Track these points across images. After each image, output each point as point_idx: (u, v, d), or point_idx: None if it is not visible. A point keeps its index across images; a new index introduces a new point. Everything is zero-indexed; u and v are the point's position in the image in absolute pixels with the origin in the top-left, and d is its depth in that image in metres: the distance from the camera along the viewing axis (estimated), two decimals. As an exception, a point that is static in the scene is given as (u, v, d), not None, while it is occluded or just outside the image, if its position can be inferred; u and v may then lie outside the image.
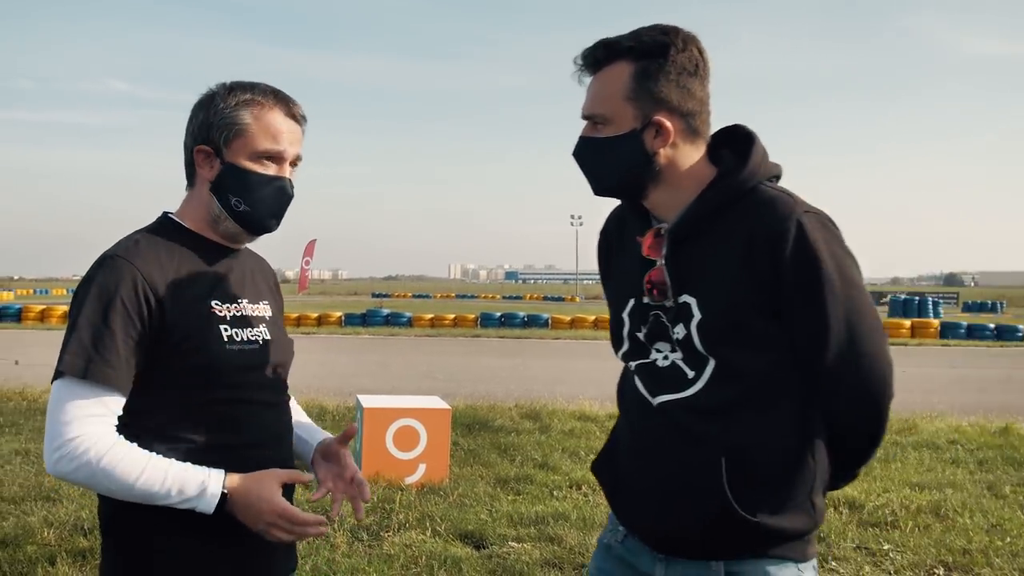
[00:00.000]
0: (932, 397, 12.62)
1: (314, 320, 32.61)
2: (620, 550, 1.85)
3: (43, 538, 4.94)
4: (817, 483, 1.69)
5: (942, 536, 5.36)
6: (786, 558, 1.69)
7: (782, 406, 1.67)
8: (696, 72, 1.69)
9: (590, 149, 1.76)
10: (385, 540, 5.13)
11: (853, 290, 1.64)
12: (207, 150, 1.83)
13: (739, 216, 1.67)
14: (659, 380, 1.74)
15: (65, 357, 1.67)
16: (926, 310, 42.11)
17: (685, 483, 1.69)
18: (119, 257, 1.74)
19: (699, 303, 1.67)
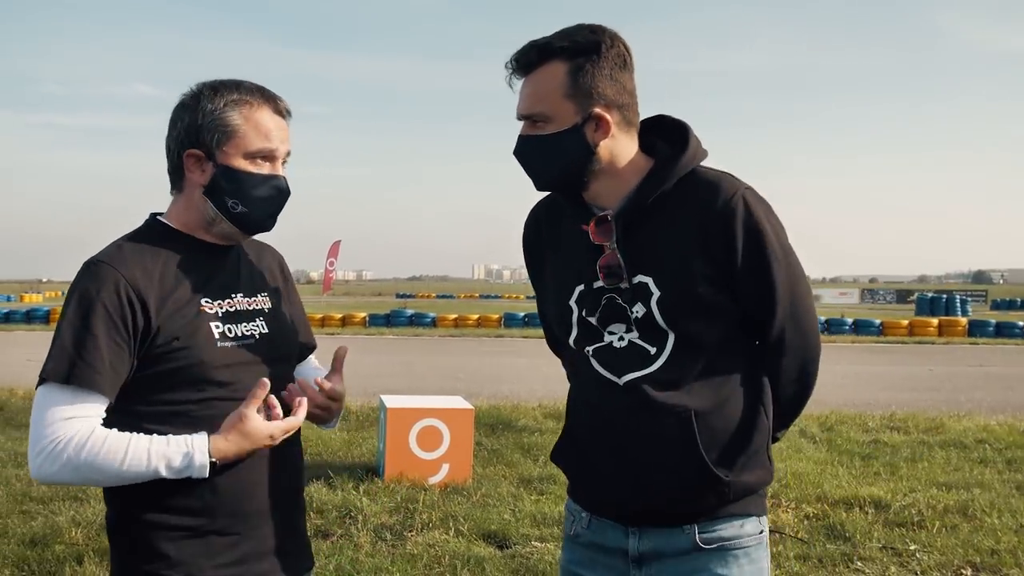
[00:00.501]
0: (960, 396, 12.50)
1: (338, 321, 32.74)
2: (587, 536, 1.91)
3: (71, 537, 5.00)
4: (768, 439, 1.85)
5: (970, 536, 5.30)
6: (749, 513, 1.83)
7: (738, 371, 1.82)
8: (625, 66, 1.78)
9: (532, 147, 1.82)
10: (408, 540, 5.15)
11: (790, 257, 1.80)
12: (198, 154, 1.81)
13: (683, 197, 1.78)
14: (620, 360, 1.82)
15: (47, 363, 1.68)
16: (954, 308, 41.62)
17: (659, 453, 1.78)
18: (102, 263, 1.74)
19: (656, 281, 1.77)
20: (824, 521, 5.66)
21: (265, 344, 1.88)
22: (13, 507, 5.74)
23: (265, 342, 1.88)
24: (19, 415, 9.40)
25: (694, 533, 1.79)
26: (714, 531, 1.80)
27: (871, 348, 23.80)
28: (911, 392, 13.25)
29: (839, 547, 5.12)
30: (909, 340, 27.55)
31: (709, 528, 1.80)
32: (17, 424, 8.93)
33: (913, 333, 29.33)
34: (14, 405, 10.08)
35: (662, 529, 1.81)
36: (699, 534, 1.79)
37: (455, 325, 32.98)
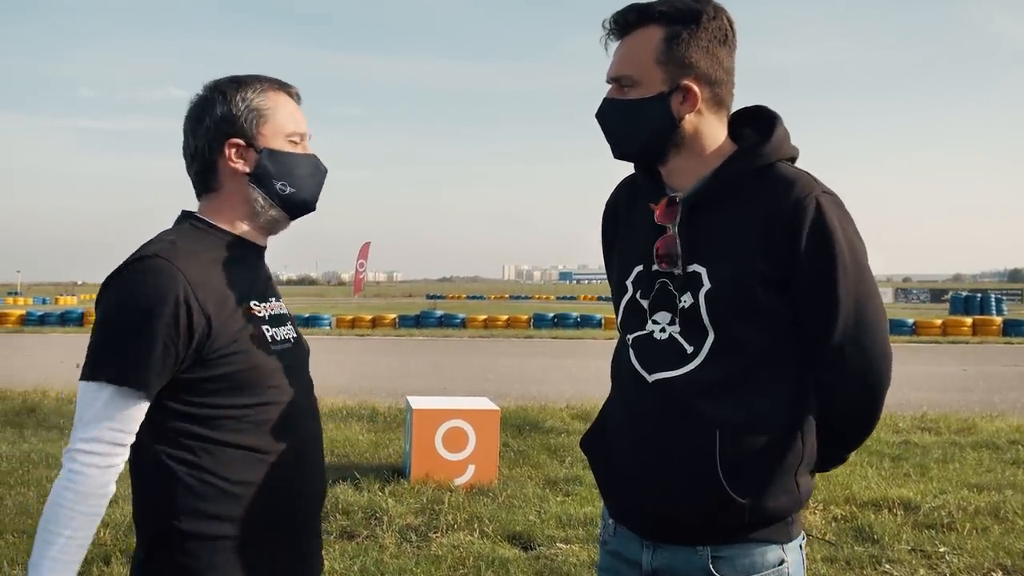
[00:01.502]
0: (993, 396, 12.32)
1: (368, 322, 32.91)
2: (612, 544, 1.84)
3: (99, 538, 5.04)
4: (804, 464, 1.70)
5: (1001, 538, 5.21)
6: (770, 540, 1.69)
7: (777, 385, 1.68)
8: (725, 41, 1.71)
9: (615, 111, 1.76)
10: (433, 541, 5.16)
11: (864, 273, 1.67)
12: (238, 143, 1.79)
13: (756, 191, 1.68)
14: (656, 355, 1.73)
15: (99, 361, 1.63)
16: (989, 307, 41.03)
17: (678, 464, 1.68)
18: (160, 258, 1.66)
19: (709, 273, 1.68)
20: (852, 523, 5.60)
21: (298, 348, 1.89)
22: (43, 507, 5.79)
23: (299, 346, 1.89)
24: (51, 416, 9.54)
25: (707, 556, 1.68)
26: (728, 556, 1.68)
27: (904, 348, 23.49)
28: (944, 392, 13.07)
29: (867, 549, 5.06)
30: (943, 340, 27.19)
31: (723, 552, 1.68)
32: (49, 426, 9.05)
33: (947, 333, 28.93)
34: (47, 407, 10.21)
35: (676, 547, 1.71)
36: (712, 557, 1.68)
37: (484, 326, 32.99)
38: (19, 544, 4.98)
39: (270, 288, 1.90)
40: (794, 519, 1.73)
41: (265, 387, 1.75)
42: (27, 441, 8.18)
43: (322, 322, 32.65)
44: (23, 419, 9.44)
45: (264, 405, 1.75)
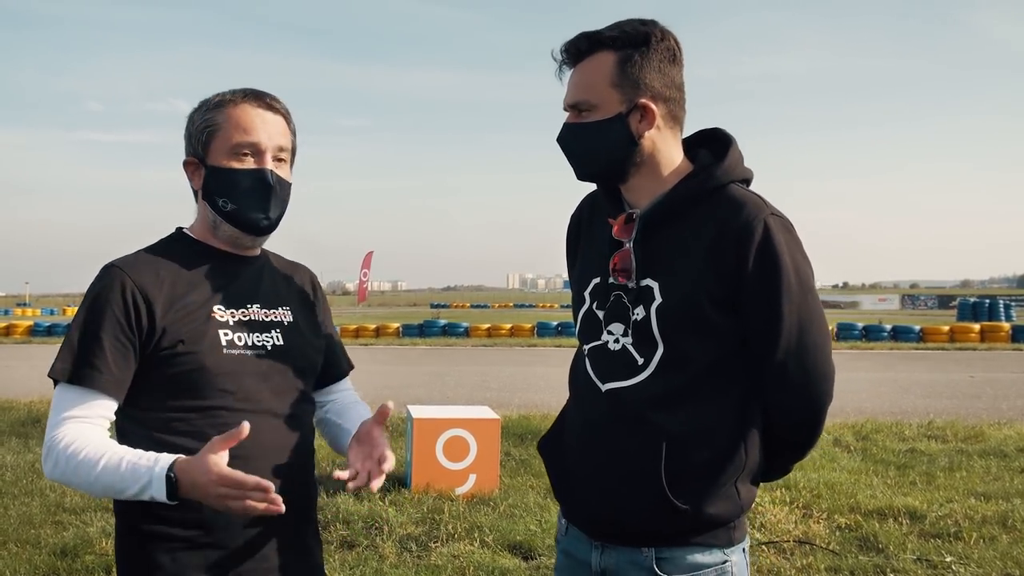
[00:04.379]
0: (1001, 403, 12.26)
1: (372, 331, 32.91)
2: (564, 543, 1.93)
3: (101, 548, 5.05)
4: (745, 472, 1.76)
5: (1009, 548, 5.16)
6: (712, 545, 1.76)
7: (723, 398, 1.74)
8: (675, 60, 1.78)
9: (575, 135, 1.82)
10: (433, 551, 5.13)
11: (808, 294, 1.73)
12: (193, 161, 1.86)
13: (709, 210, 1.74)
14: (609, 365, 1.80)
15: (56, 363, 1.72)
16: (997, 313, 40.91)
17: (624, 470, 1.75)
18: (114, 266, 1.78)
19: (661, 288, 1.75)
20: (857, 532, 5.56)
21: (279, 355, 1.85)
22: (46, 518, 5.81)
23: (279, 353, 1.85)
24: (55, 427, 9.51)
25: (652, 557, 1.75)
26: (671, 558, 1.75)
27: (910, 355, 23.43)
28: (951, 400, 13.01)
29: (872, 559, 5.02)
30: (950, 346, 27.11)
31: (667, 554, 1.75)
32: (53, 436, 9.03)
33: (954, 339, 28.85)
34: (51, 417, 10.19)
35: (623, 548, 1.78)
36: (656, 559, 1.75)
37: (488, 335, 32.97)
38: (22, 554, 4.97)
39: (258, 295, 1.89)
40: (737, 524, 1.79)
41: (214, 390, 1.75)
42: (32, 451, 8.17)
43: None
44: (28, 429, 9.43)
45: (215, 409, 1.75)
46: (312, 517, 1.98)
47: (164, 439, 1.72)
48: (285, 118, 1.88)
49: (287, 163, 1.89)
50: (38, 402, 11.29)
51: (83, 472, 1.65)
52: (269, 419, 1.80)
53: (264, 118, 1.83)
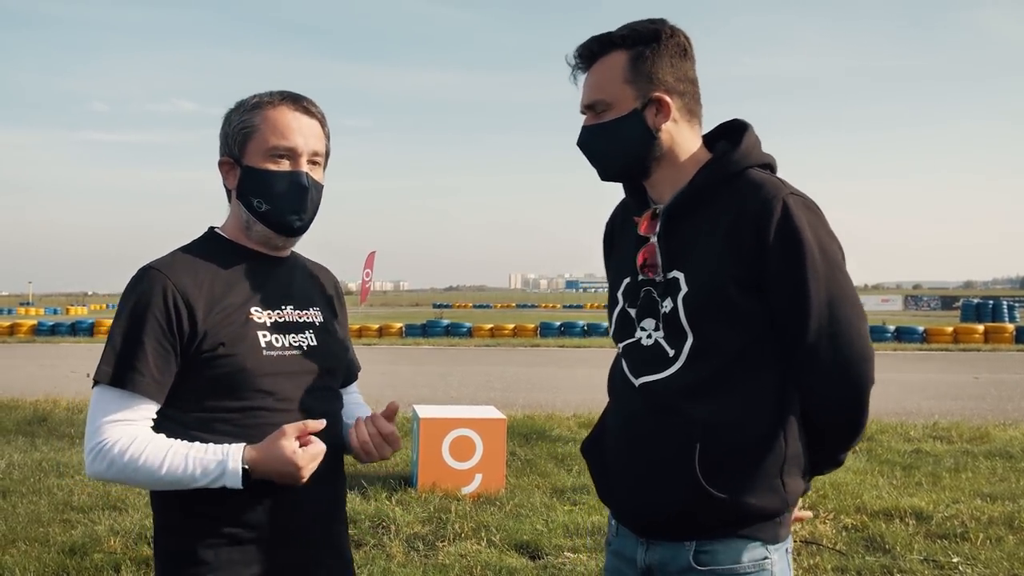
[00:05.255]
0: (1006, 404, 12.25)
1: (375, 331, 32.92)
2: (615, 543, 1.92)
3: (109, 546, 5.06)
4: (789, 464, 1.73)
5: (1015, 549, 5.16)
6: (755, 538, 1.73)
7: (758, 386, 1.72)
8: (685, 55, 1.81)
9: (594, 135, 1.85)
10: (440, 550, 5.14)
11: (836, 272, 1.71)
12: (228, 160, 1.88)
13: (729, 196, 1.75)
14: (642, 360, 1.81)
15: (100, 366, 1.74)
16: (1001, 314, 40.86)
17: (660, 463, 1.75)
18: (153, 269, 1.79)
19: (686, 277, 1.75)
20: (863, 532, 5.56)
21: (312, 356, 1.89)
22: (55, 516, 5.83)
23: (312, 354, 1.89)
24: (62, 426, 9.56)
25: (692, 550, 1.74)
26: (710, 552, 1.73)
27: (914, 356, 23.41)
28: (955, 400, 13.00)
29: (878, 559, 5.03)
30: (953, 347, 27.07)
31: (707, 547, 1.73)
32: (60, 435, 9.07)
33: (958, 340, 28.81)
34: (57, 416, 10.24)
35: (666, 543, 1.77)
36: (696, 553, 1.73)
37: (491, 335, 32.97)
38: (31, 552, 4.98)
39: (293, 296, 1.92)
40: (782, 521, 1.76)
41: (253, 391, 1.78)
42: (38, 450, 8.20)
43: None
44: (34, 428, 9.47)
45: (255, 410, 1.78)
46: (343, 515, 2.02)
47: (203, 438, 1.74)
48: (321, 122, 1.90)
49: (321, 167, 1.91)
50: (43, 401, 11.35)
51: (146, 471, 1.70)
52: (306, 418, 1.82)
53: (301, 122, 1.86)
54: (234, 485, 1.70)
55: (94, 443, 1.72)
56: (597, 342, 29.98)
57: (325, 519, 1.90)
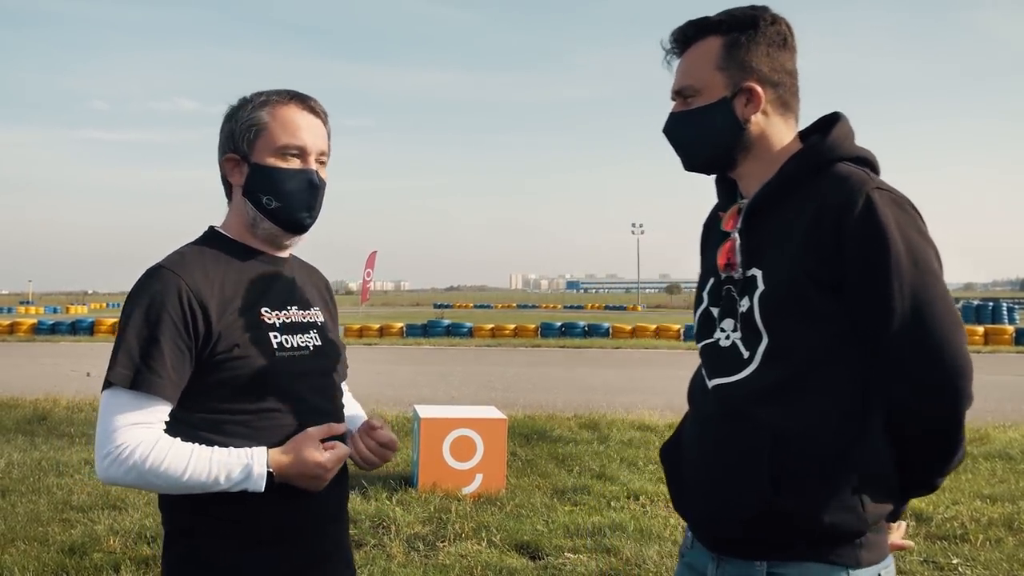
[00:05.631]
0: (1006, 406, 12.23)
1: (376, 331, 32.91)
2: (688, 556, 1.83)
3: (108, 546, 5.06)
4: (869, 481, 1.58)
5: (1015, 550, 5.17)
6: (833, 561, 1.59)
7: (836, 394, 1.59)
8: (785, 45, 1.72)
9: (680, 123, 1.77)
10: (440, 550, 5.14)
11: (926, 274, 1.55)
12: (235, 157, 1.87)
13: (813, 190, 1.63)
14: (718, 362, 1.71)
15: (115, 368, 1.70)
16: (1000, 316, 40.88)
17: (729, 471, 1.64)
18: (165, 268, 1.76)
19: (764, 275, 1.65)
20: (863, 533, 5.55)
21: (319, 356, 1.91)
22: (54, 515, 5.82)
23: (319, 354, 1.91)
24: (61, 425, 9.55)
25: (764, 571, 1.62)
26: (784, 574, 1.61)
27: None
28: (955, 402, 12.95)
29: (878, 560, 5.01)
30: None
31: (780, 569, 1.61)
32: (60, 434, 9.07)
33: (958, 342, 28.72)
34: (57, 415, 10.23)
35: (738, 560, 1.66)
36: (769, 573, 1.61)
37: (492, 335, 32.97)
38: (30, 551, 4.98)
39: (296, 296, 1.93)
40: (865, 543, 1.61)
41: (267, 393, 1.79)
42: (38, 449, 8.20)
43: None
44: (34, 427, 9.47)
45: (268, 411, 1.79)
46: (347, 515, 2.05)
47: (213, 440, 1.74)
48: (324, 122, 1.91)
49: (325, 166, 1.93)
50: (43, 400, 11.34)
51: (167, 476, 1.68)
52: (317, 418, 1.85)
53: (309, 121, 1.87)
54: (256, 489, 1.71)
55: (110, 448, 1.68)
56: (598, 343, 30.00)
57: (333, 519, 1.93)
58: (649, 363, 20.87)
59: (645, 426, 9.77)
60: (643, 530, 5.54)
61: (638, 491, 6.64)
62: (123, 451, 1.67)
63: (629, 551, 5.08)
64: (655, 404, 11.81)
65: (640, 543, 5.26)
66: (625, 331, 33.39)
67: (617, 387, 15.37)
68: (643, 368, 19.36)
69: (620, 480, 7.05)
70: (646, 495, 6.54)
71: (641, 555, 5.02)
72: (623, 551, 5.09)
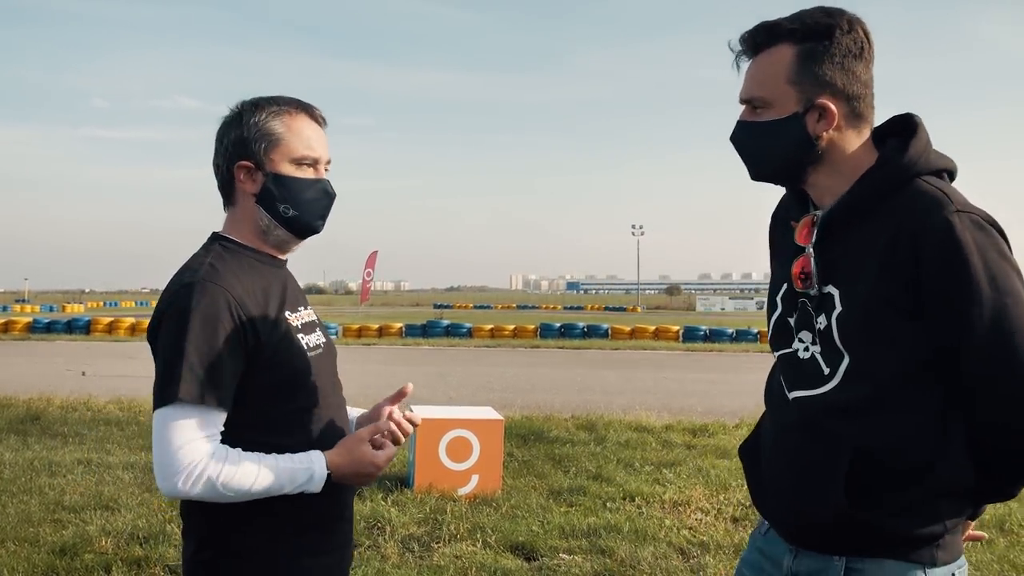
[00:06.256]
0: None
1: (375, 331, 32.90)
2: (761, 541, 1.87)
3: (100, 547, 5.03)
4: (949, 491, 1.61)
5: (1006, 551, 5.18)
6: (912, 561, 1.63)
7: (916, 411, 1.60)
8: (861, 55, 1.65)
9: (749, 134, 1.74)
10: (435, 551, 5.12)
11: (1007, 299, 1.53)
12: (248, 165, 1.88)
13: (892, 209, 1.61)
14: (798, 374, 1.72)
15: (179, 383, 1.70)
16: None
17: (809, 479, 1.66)
18: (209, 283, 1.77)
19: (841, 295, 1.64)
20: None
21: (328, 353, 1.99)
22: (45, 516, 5.79)
23: (328, 352, 2.00)
24: (55, 424, 9.52)
25: (842, 566, 1.66)
26: (861, 569, 1.65)
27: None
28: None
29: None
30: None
31: (858, 564, 1.65)
32: (53, 433, 9.04)
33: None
34: (51, 415, 10.20)
35: (815, 554, 1.70)
36: (846, 569, 1.65)
37: (491, 335, 32.96)
38: (20, 552, 4.95)
39: (299, 298, 2.00)
40: (943, 544, 1.64)
41: (304, 391, 1.88)
42: (30, 448, 8.16)
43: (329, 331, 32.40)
44: (27, 427, 9.41)
45: (305, 408, 1.88)
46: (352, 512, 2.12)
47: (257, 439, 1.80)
48: (325, 130, 1.97)
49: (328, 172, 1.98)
50: (37, 399, 11.31)
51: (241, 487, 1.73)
52: (338, 411, 1.99)
53: (318, 131, 1.93)
54: (315, 491, 1.80)
55: (182, 464, 1.70)
56: (597, 344, 29.99)
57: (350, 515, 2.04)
58: (647, 364, 20.87)
59: (642, 427, 9.77)
60: (638, 531, 5.53)
61: (634, 492, 6.63)
62: (196, 466, 1.70)
63: (624, 552, 5.07)
64: (652, 405, 11.81)
65: (635, 544, 5.25)
66: (624, 332, 33.39)
67: (615, 388, 15.37)
68: (641, 369, 19.35)
69: (616, 481, 7.04)
70: (642, 496, 6.52)
71: (635, 556, 5.01)
72: (618, 552, 5.08)
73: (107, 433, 8.99)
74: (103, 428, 9.26)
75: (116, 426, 9.43)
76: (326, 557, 1.91)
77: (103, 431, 9.09)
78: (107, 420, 9.77)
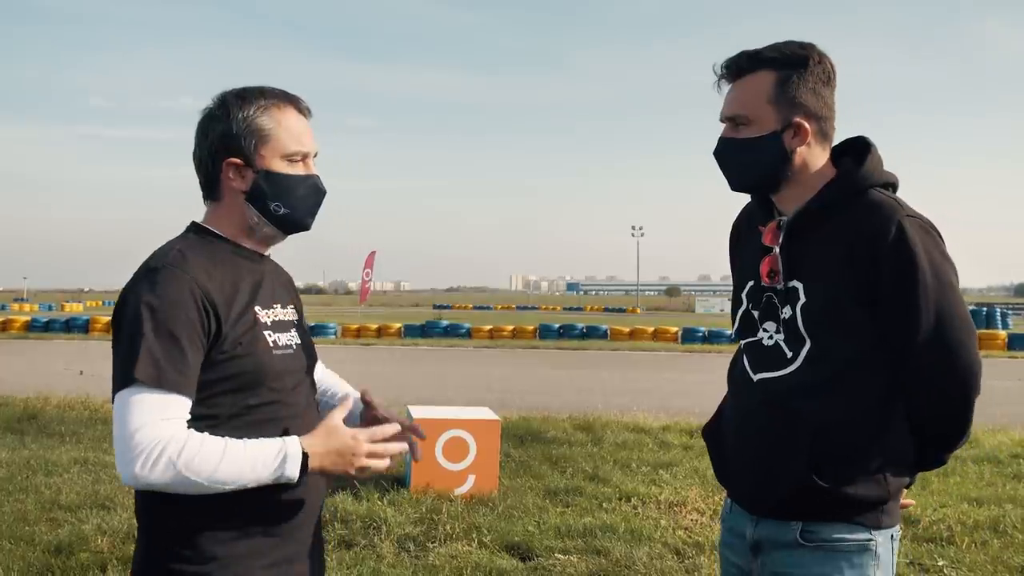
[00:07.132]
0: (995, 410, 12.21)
1: (374, 332, 32.91)
2: (729, 519, 2.10)
3: (96, 546, 5.04)
4: (893, 460, 1.86)
5: (1000, 553, 5.18)
6: (858, 523, 1.86)
7: (867, 389, 1.85)
8: (828, 82, 1.91)
9: (732, 149, 1.96)
10: (431, 551, 5.13)
11: (947, 290, 1.82)
12: (236, 162, 1.83)
13: (849, 215, 1.86)
14: (762, 358, 1.96)
15: (137, 366, 1.66)
16: (994, 321, 40.93)
17: (772, 454, 1.90)
18: (173, 268, 1.74)
19: (805, 288, 1.89)
20: (852, 536, 5.55)
21: (300, 353, 1.93)
22: (41, 515, 5.79)
23: (301, 352, 1.93)
24: (52, 424, 9.52)
25: (799, 529, 1.88)
26: (816, 530, 1.87)
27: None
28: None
29: (867, 563, 5.02)
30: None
31: (813, 528, 1.87)
32: (50, 432, 9.04)
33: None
34: (47, 414, 10.19)
35: (773, 521, 1.92)
36: (802, 530, 1.88)
37: (490, 336, 32.99)
38: (16, 551, 4.96)
39: (278, 295, 1.95)
40: (886, 509, 1.89)
41: (266, 389, 1.80)
42: (27, 447, 8.17)
43: (327, 331, 32.55)
44: (24, 425, 9.41)
45: (264, 406, 1.80)
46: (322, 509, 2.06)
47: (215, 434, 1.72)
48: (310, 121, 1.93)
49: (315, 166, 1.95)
50: (34, 399, 11.28)
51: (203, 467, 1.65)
52: (307, 412, 1.89)
53: (305, 125, 1.90)
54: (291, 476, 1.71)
55: (141, 447, 1.63)
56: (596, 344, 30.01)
57: (316, 513, 1.94)
58: (646, 365, 20.89)
59: (639, 428, 9.78)
60: (634, 532, 5.54)
61: (630, 493, 6.64)
62: (155, 448, 1.62)
63: (619, 552, 5.08)
64: (650, 406, 11.82)
65: (630, 544, 5.27)
66: (623, 333, 33.43)
67: (613, 389, 15.39)
68: (641, 370, 19.38)
69: (612, 482, 7.06)
70: (638, 497, 6.54)
71: (631, 556, 5.02)
72: (613, 552, 5.09)
73: (104, 432, 8.96)
74: (100, 427, 9.26)
75: (113, 426, 9.41)
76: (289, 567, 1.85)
77: (100, 430, 9.09)
78: (104, 419, 9.74)
